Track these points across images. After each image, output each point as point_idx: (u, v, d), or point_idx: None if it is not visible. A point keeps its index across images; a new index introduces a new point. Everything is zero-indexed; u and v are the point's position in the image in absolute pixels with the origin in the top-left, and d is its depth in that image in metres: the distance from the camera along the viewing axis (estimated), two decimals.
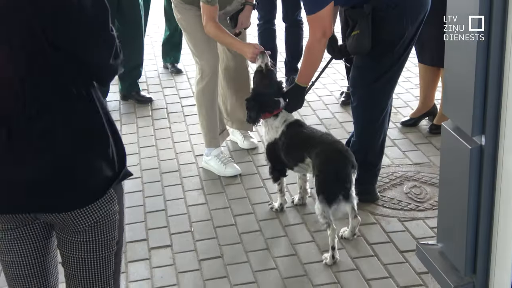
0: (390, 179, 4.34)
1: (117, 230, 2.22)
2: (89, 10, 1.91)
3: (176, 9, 4.49)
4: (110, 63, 2.02)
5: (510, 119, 2.25)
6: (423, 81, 5.11)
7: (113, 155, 2.12)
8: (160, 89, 6.23)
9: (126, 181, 4.39)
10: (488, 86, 2.28)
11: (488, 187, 2.38)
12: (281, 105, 3.84)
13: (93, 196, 2.09)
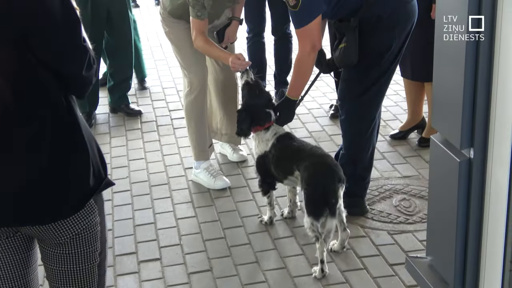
0: (380, 192, 4.34)
1: (99, 242, 2.21)
2: (60, 22, 1.91)
3: (164, 22, 4.49)
4: (83, 75, 2.00)
5: (498, 132, 2.26)
6: (409, 96, 5.14)
7: (93, 166, 2.11)
8: (149, 102, 6.23)
9: (115, 195, 4.43)
10: (477, 99, 2.29)
11: (477, 200, 2.38)
12: (272, 118, 3.85)
13: (73, 208, 2.09)
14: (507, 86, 2.20)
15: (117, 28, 5.65)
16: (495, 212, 2.34)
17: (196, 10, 4.07)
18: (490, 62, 2.23)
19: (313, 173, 3.52)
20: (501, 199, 2.30)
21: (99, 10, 5.46)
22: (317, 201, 3.48)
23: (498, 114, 2.24)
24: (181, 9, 4.29)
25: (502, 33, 2.16)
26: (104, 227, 2.25)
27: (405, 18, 3.71)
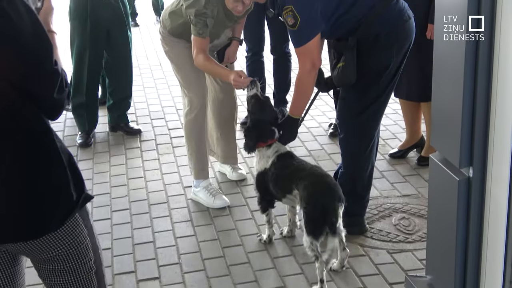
0: (379, 210, 4.34)
1: (91, 251, 2.23)
2: (30, 46, 1.92)
3: (163, 41, 4.51)
4: (53, 97, 2.01)
5: (497, 151, 2.27)
6: (406, 116, 5.15)
7: (69, 183, 2.12)
8: (149, 120, 6.24)
9: (114, 213, 4.42)
10: (475, 118, 2.30)
11: (476, 219, 2.38)
12: (276, 136, 3.86)
13: (55, 223, 2.10)
14: (505, 104, 2.21)
15: (117, 48, 5.67)
16: (494, 231, 2.34)
17: (198, 28, 4.08)
18: (488, 81, 2.24)
19: (313, 192, 3.52)
20: (500, 218, 2.30)
21: (98, 29, 5.48)
22: (316, 220, 3.47)
23: (497, 132, 2.25)
24: (181, 28, 4.31)
25: (502, 33, 2.16)
26: (93, 236, 2.26)
27: (403, 37, 3.72)
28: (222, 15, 4.19)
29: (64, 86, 2.03)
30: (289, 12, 3.52)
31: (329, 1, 3.57)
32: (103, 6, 5.44)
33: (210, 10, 4.07)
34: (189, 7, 4.10)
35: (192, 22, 4.10)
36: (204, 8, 4.05)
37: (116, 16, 5.54)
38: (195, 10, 4.05)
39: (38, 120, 2.04)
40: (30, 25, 1.91)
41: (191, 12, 4.07)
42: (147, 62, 8.31)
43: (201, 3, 4.05)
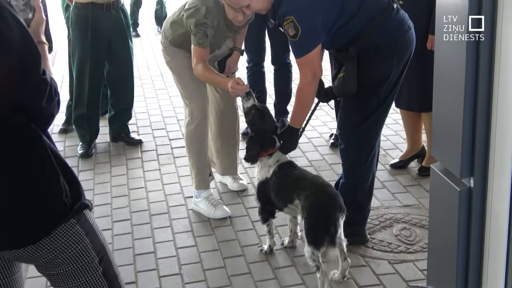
0: (380, 221, 4.33)
1: (93, 251, 2.23)
2: (18, 56, 1.93)
3: (165, 51, 4.52)
4: (42, 106, 2.01)
5: (498, 161, 2.27)
6: (407, 126, 5.16)
7: (63, 190, 2.13)
8: (150, 130, 6.25)
9: (115, 224, 4.43)
10: (476, 128, 2.30)
11: (477, 229, 2.38)
12: (277, 145, 3.87)
13: (41, 233, 2.10)
14: (506, 115, 2.21)
15: (118, 58, 5.68)
16: (495, 241, 2.33)
17: (198, 38, 4.09)
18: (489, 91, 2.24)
19: (314, 202, 3.52)
20: (501, 228, 2.30)
21: (99, 40, 5.49)
22: (318, 231, 3.47)
23: (498, 142, 2.25)
24: (181, 38, 4.32)
25: (503, 34, 2.16)
26: (94, 235, 2.26)
27: (404, 47, 3.73)
28: (223, 25, 4.20)
29: (54, 95, 2.04)
30: (290, 23, 3.53)
31: (330, 12, 3.58)
32: (104, 17, 5.45)
33: (210, 20, 4.08)
34: (189, 17, 4.12)
35: (192, 32, 4.11)
36: (204, 18, 4.06)
37: (117, 27, 5.55)
38: (195, 20, 4.07)
39: (28, 128, 2.05)
40: (19, 35, 1.92)
41: (191, 22, 4.09)
42: (148, 73, 8.33)
43: (201, 13, 4.06)
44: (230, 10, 3.98)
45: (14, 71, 1.94)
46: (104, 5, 5.41)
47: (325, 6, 3.57)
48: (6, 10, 1.92)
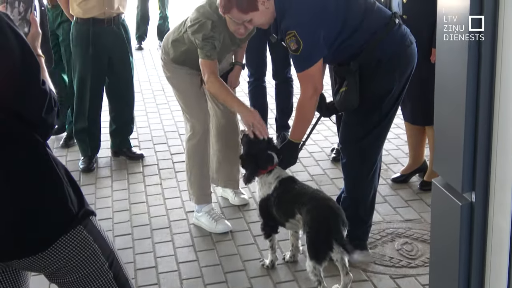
0: (382, 235, 4.33)
1: (102, 256, 2.25)
2: (19, 68, 1.96)
3: (165, 67, 4.53)
4: (42, 117, 2.04)
5: (500, 176, 2.26)
6: (411, 139, 5.15)
7: (68, 197, 2.15)
8: (151, 145, 6.25)
9: (117, 238, 4.42)
10: (478, 143, 2.30)
11: (479, 243, 2.37)
12: (275, 161, 3.87)
13: (48, 241, 2.12)
14: (508, 129, 2.21)
15: (118, 74, 5.69)
16: (497, 255, 2.33)
17: (206, 51, 4.07)
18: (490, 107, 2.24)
19: (316, 216, 3.51)
20: (503, 243, 2.29)
21: (101, 55, 5.51)
22: (320, 245, 3.47)
23: (499, 157, 2.25)
24: (183, 56, 4.32)
25: (504, 34, 2.16)
26: (102, 240, 2.28)
27: (406, 62, 3.74)
28: (227, 40, 4.21)
29: (53, 106, 2.07)
30: (292, 37, 3.53)
31: (332, 27, 3.59)
32: (105, 32, 5.47)
33: (217, 34, 4.08)
34: (195, 32, 4.09)
35: (199, 46, 4.08)
36: (212, 32, 4.05)
37: (117, 42, 5.57)
38: (203, 34, 4.04)
39: (30, 136, 2.07)
40: (18, 48, 1.95)
41: (199, 37, 4.06)
42: (150, 87, 8.34)
43: (208, 27, 4.05)
44: (232, 23, 3.99)
45: (14, 82, 1.96)
46: (105, 20, 5.43)
47: (327, 21, 3.58)
48: (5, 23, 1.94)
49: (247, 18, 3.70)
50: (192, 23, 4.12)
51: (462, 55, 2.26)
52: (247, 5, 3.63)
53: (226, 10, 3.70)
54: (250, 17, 3.69)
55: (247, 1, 3.62)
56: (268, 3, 3.62)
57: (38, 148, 2.10)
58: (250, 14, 3.67)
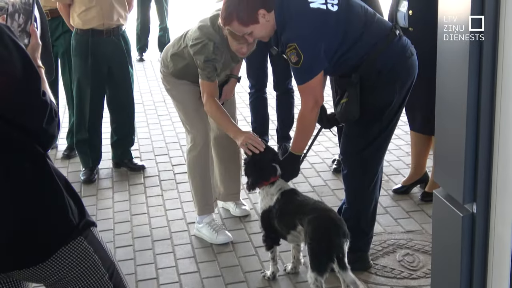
0: (383, 246, 4.32)
1: (102, 267, 2.26)
2: (20, 80, 1.98)
3: (165, 79, 4.54)
4: (43, 128, 2.05)
5: (501, 187, 2.27)
6: (415, 149, 5.15)
7: (69, 208, 2.16)
8: (152, 156, 6.25)
9: (118, 249, 4.41)
10: (479, 154, 2.30)
11: (480, 255, 2.37)
12: (278, 173, 3.87)
13: (49, 252, 2.13)
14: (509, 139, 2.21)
15: (118, 85, 5.70)
16: (499, 267, 2.33)
17: (207, 72, 4.11)
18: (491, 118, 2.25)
19: (317, 227, 3.51)
20: (505, 254, 2.29)
21: (100, 65, 5.53)
22: (321, 256, 3.46)
23: (501, 168, 2.25)
24: (183, 70, 4.34)
25: (506, 35, 2.16)
26: (103, 251, 2.29)
27: (406, 74, 3.75)
28: (229, 58, 4.22)
29: (54, 116, 2.08)
30: (293, 49, 3.54)
31: (333, 39, 3.60)
32: (104, 43, 5.49)
33: (219, 56, 4.10)
34: (197, 53, 4.12)
35: (200, 67, 4.12)
36: (213, 54, 4.07)
37: (117, 53, 5.58)
38: (204, 57, 4.07)
39: (31, 147, 2.08)
40: (19, 59, 1.97)
41: (200, 59, 4.09)
42: (151, 99, 8.35)
43: (209, 49, 4.07)
44: (234, 42, 4.01)
45: (15, 93, 1.97)
46: (104, 31, 5.45)
47: (328, 33, 3.59)
48: (6, 35, 1.96)
49: (248, 31, 3.71)
50: (194, 43, 4.14)
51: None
52: (248, 18, 3.65)
53: (227, 22, 3.71)
54: (251, 30, 3.70)
55: (248, 14, 3.64)
56: (269, 16, 3.64)
57: (39, 159, 2.11)
58: (251, 27, 3.68)
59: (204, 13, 4.29)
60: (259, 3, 3.62)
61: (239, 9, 3.64)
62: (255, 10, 3.62)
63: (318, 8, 3.56)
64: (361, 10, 3.69)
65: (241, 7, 3.64)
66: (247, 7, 3.62)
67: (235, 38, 3.93)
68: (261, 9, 3.61)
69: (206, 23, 4.16)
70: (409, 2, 4.60)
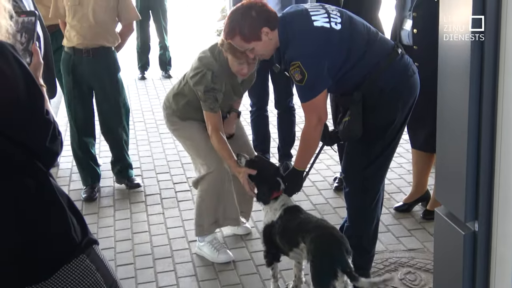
0: (385, 265, 4.31)
1: (104, 285, 2.25)
2: (24, 100, 1.98)
3: (169, 122, 4.55)
4: (46, 146, 2.06)
5: (503, 205, 2.27)
6: (416, 167, 5.15)
7: (71, 226, 2.16)
8: (154, 174, 6.26)
9: (119, 268, 4.40)
10: (480, 172, 2.30)
11: (482, 273, 2.37)
12: (281, 188, 3.88)
13: (53, 268, 2.13)
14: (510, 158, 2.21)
15: (101, 106, 5.73)
16: (500, 286, 2.32)
17: (209, 103, 4.13)
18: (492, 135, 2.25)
19: (320, 245, 3.50)
20: (506, 272, 2.29)
21: (80, 84, 5.57)
22: (324, 274, 3.45)
23: (502, 186, 2.25)
24: (186, 107, 4.38)
25: (507, 36, 2.16)
26: (105, 270, 2.29)
27: (408, 92, 3.75)
28: (229, 89, 4.23)
29: (57, 135, 2.09)
30: (297, 68, 3.55)
31: (336, 58, 3.61)
32: (85, 62, 5.50)
33: (218, 85, 4.12)
34: (196, 84, 4.16)
35: (202, 99, 4.14)
36: (212, 83, 4.10)
37: (97, 74, 5.57)
38: (204, 86, 4.10)
39: (33, 164, 2.09)
40: (22, 78, 1.98)
41: (200, 89, 4.12)
42: (152, 117, 8.37)
43: (208, 78, 4.10)
44: (235, 63, 4.02)
45: (19, 112, 1.98)
46: (83, 50, 5.48)
47: (332, 51, 3.60)
48: (10, 54, 1.97)
49: (249, 47, 3.73)
50: (193, 73, 4.20)
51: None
52: (250, 34, 3.66)
53: (229, 36, 3.73)
54: (253, 46, 3.72)
55: (251, 30, 3.65)
56: (272, 34, 3.65)
57: (41, 177, 2.11)
58: (253, 43, 3.70)
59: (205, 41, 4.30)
60: (263, 21, 3.63)
61: (242, 24, 3.65)
62: (258, 27, 3.64)
63: (321, 26, 3.57)
64: (363, 28, 3.71)
65: (245, 23, 3.65)
66: (251, 23, 3.64)
67: (235, 56, 3.94)
68: (265, 27, 3.63)
69: (206, 53, 4.22)
70: (413, 21, 4.63)
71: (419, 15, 4.60)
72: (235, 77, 4.27)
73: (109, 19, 5.54)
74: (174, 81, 10.45)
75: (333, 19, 3.61)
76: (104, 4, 5.46)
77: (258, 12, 3.64)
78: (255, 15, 3.63)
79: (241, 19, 3.66)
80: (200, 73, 4.15)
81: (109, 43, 5.55)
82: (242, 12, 3.66)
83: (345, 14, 3.71)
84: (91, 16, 5.41)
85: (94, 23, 5.43)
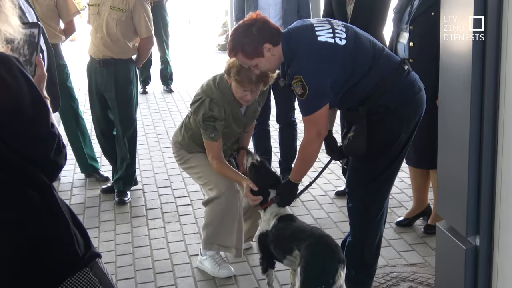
0: (386, 279, 4.30)
1: None
2: (29, 113, 2.00)
3: (178, 155, 4.55)
4: (51, 159, 2.07)
5: (504, 219, 2.27)
6: (414, 183, 5.15)
7: (75, 239, 2.16)
8: (155, 188, 6.26)
9: (120, 282, 4.39)
10: (481, 186, 2.30)
11: (483, 287, 2.37)
12: (270, 199, 3.89)
13: (56, 281, 2.13)
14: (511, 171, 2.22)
15: (123, 115, 5.80)
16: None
17: (209, 132, 4.15)
18: (494, 146, 2.26)
19: (313, 252, 3.49)
20: (507, 286, 2.29)
21: (96, 92, 5.79)
22: (314, 281, 3.43)
23: (503, 201, 2.25)
24: (191, 140, 4.40)
25: (508, 36, 2.16)
26: (108, 283, 2.29)
27: (414, 109, 3.73)
28: (229, 117, 4.23)
29: (61, 148, 2.09)
30: (299, 82, 3.55)
31: (340, 73, 3.60)
32: (98, 72, 5.73)
33: (216, 112, 4.13)
34: (195, 112, 4.20)
35: (202, 128, 4.17)
36: (210, 111, 4.11)
37: (106, 85, 5.72)
38: (202, 114, 4.13)
39: (37, 177, 2.09)
40: (27, 91, 1.99)
41: (199, 118, 4.15)
42: (154, 131, 8.37)
43: (206, 105, 4.14)
44: (239, 90, 4.05)
45: (24, 125, 1.99)
46: (96, 60, 5.70)
47: (335, 67, 3.59)
48: (15, 67, 1.98)
49: (253, 63, 3.74)
50: (193, 100, 4.27)
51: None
52: (252, 51, 3.67)
53: (232, 53, 3.74)
54: (256, 63, 3.72)
55: (253, 47, 3.66)
56: (274, 50, 3.66)
57: (45, 190, 2.11)
58: (256, 60, 3.70)
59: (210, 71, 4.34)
60: (264, 37, 3.64)
61: (244, 42, 3.66)
62: (260, 44, 3.64)
63: (325, 41, 3.57)
64: (369, 44, 3.70)
65: (246, 40, 3.66)
66: (252, 40, 3.65)
67: (240, 85, 3.99)
68: (267, 43, 3.64)
69: (208, 81, 4.28)
70: (410, 34, 4.64)
71: (416, 28, 4.61)
72: (237, 106, 4.27)
73: (121, 32, 5.62)
74: (176, 95, 10.50)
75: (337, 35, 3.62)
76: (116, 17, 5.58)
77: (259, 29, 3.66)
78: (256, 32, 3.65)
79: (242, 36, 3.68)
80: (199, 100, 4.19)
81: (116, 55, 5.65)
82: (243, 30, 3.68)
83: (351, 29, 3.70)
84: (104, 28, 5.58)
85: (106, 35, 5.58)
